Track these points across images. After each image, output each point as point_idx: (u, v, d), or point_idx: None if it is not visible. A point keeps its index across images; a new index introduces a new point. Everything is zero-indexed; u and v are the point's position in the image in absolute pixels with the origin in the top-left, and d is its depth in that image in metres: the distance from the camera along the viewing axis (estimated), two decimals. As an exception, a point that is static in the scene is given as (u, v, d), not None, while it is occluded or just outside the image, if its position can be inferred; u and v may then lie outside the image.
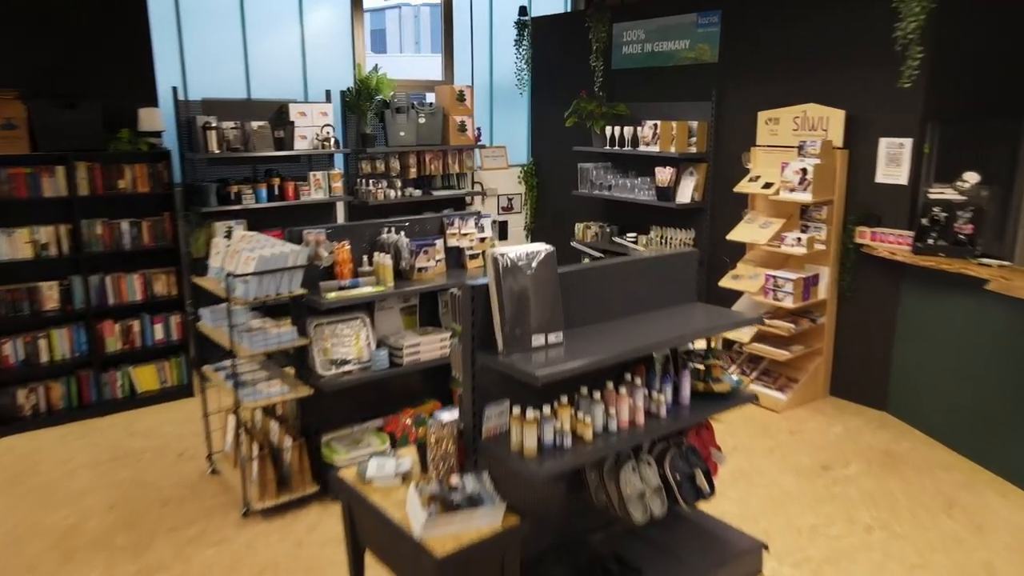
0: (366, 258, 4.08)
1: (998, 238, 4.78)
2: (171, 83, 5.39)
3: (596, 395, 2.72)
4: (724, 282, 5.36)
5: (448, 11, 6.91)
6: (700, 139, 5.78)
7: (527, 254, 2.62)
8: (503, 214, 7.45)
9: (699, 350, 3.17)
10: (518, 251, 2.62)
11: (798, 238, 4.92)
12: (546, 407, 2.59)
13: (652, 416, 2.86)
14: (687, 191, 5.87)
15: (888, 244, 4.74)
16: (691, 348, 3.16)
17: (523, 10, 6.95)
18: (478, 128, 6.82)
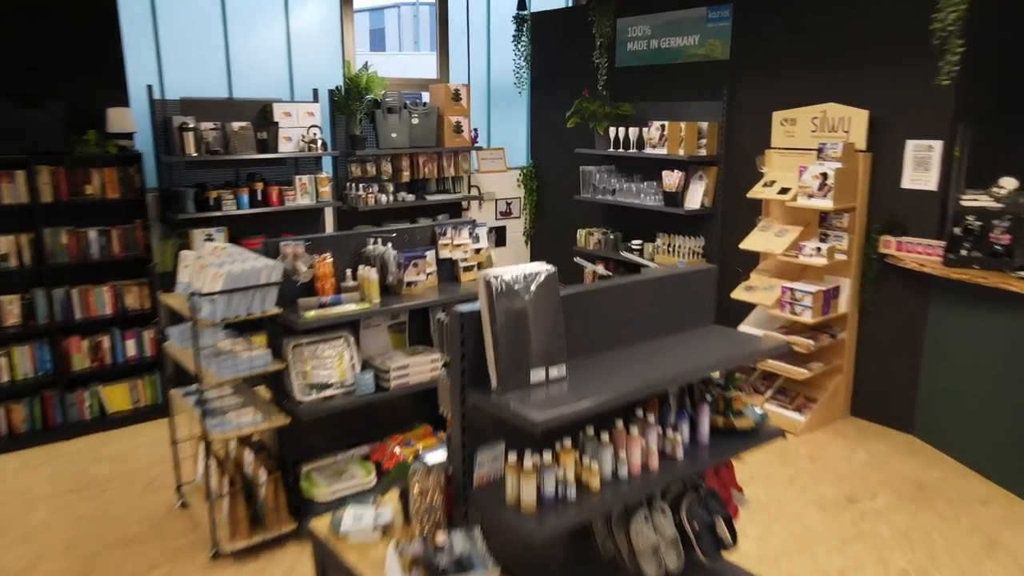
0: (350, 272, 3.73)
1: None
2: (146, 81, 5.05)
3: (604, 436, 2.38)
4: (736, 294, 5.01)
5: (443, 5, 6.57)
6: (710, 141, 5.43)
7: (525, 276, 2.28)
8: (501, 219, 7.11)
9: (717, 379, 2.83)
10: (515, 272, 2.27)
11: (817, 248, 4.57)
12: (547, 452, 2.25)
13: (667, 458, 2.52)
14: (696, 196, 5.52)
15: (916, 255, 4.40)
16: (709, 376, 2.82)
17: (522, 4, 6.59)
18: (475, 129, 6.48)
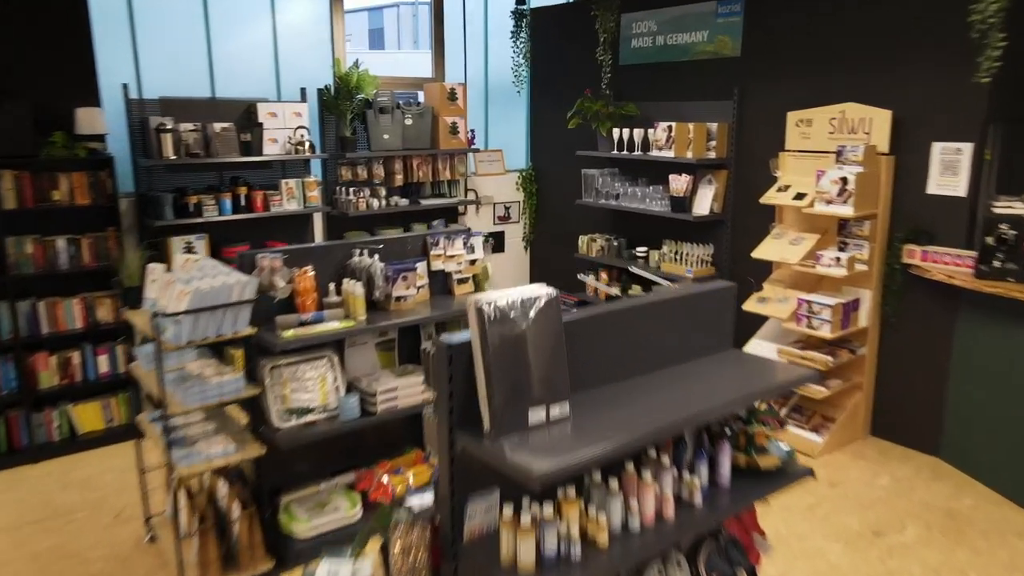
0: (333, 286, 3.43)
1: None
2: (121, 79, 4.75)
3: (613, 483, 2.08)
4: (748, 305, 4.71)
5: (439, 1, 6.27)
6: (720, 143, 5.13)
7: (522, 301, 1.98)
8: (499, 224, 6.82)
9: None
10: (510, 297, 1.98)
11: (836, 257, 4.27)
12: (547, 504, 1.95)
13: (684, 505, 2.22)
14: (705, 201, 5.22)
15: (943, 266, 4.10)
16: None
17: (521, -2, 6.30)
18: (471, 130, 6.18)
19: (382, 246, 3.52)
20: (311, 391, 3.36)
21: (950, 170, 4.10)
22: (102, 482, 4.07)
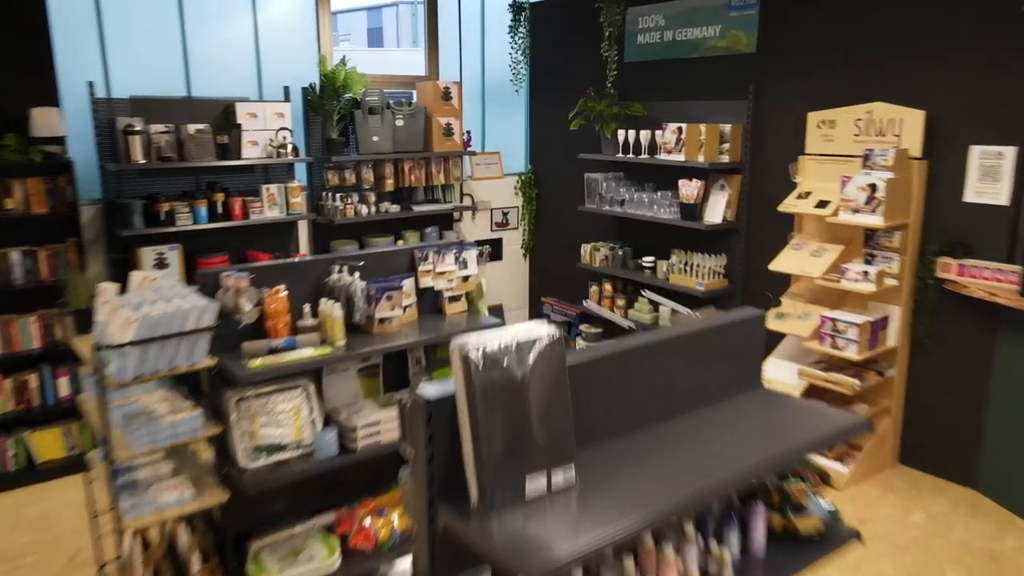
0: (308, 308, 3.07)
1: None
2: (87, 77, 4.39)
3: (628, 562, 1.72)
4: (766, 322, 4.34)
5: (433, -5, 5.91)
6: (734, 146, 4.77)
7: (518, 344, 1.62)
8: (497, 230, 6.45)
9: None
10: (503, 338, 1.61)
11: (864, 271, 3.91)
12: (549, 593, 1.59)
13: (712, 583, 1.86)
14: (718, 208, 4.86)
15: (983, 281, 3.74)
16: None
17: (519, -9, 5.93)
18: (467, 131, 5.83)
19: (363, 263, 3.15)
20: (283, 426, 3.00)
21: (990, 176, 3.74)
22: (58, 520, 3.71)
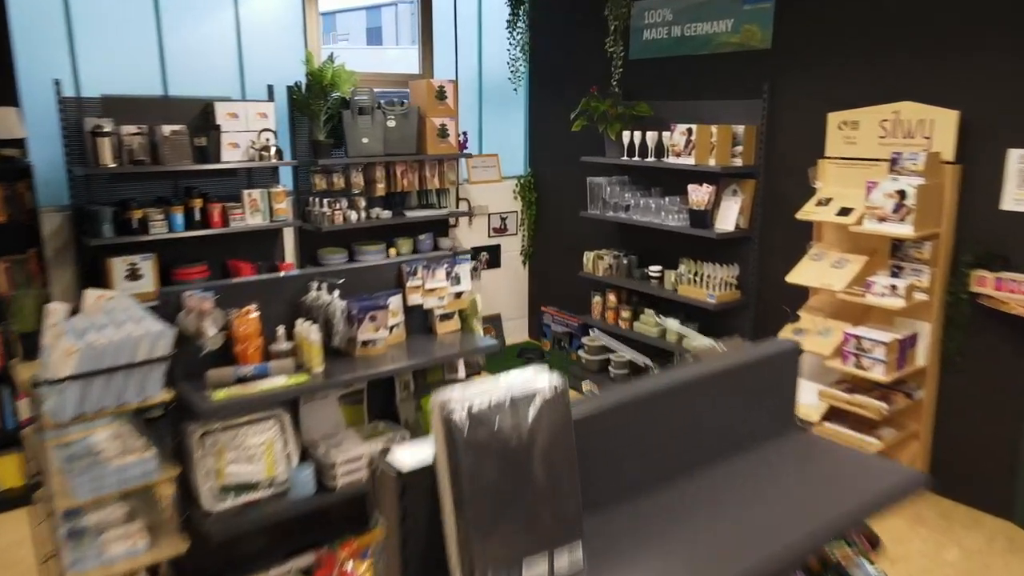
0: (283, 330, 2.77)
1: None
2: (52, 74, 4.09)
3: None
4: (783, 338, 4.04)
5: (427, -11, 5.60)
6: (747, 148, 4.46)
7: (512, 400, 1.31)
8: (495, 236, 6.15)
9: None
10: (495, 393, 1.30)
11: (892, 285, 3.60)
12: None
13: (746, 677, 1.55)
14: (730, 215, 4.55)
15: (1022, 296, 3.43)
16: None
17: (518, -16, 5.61)
18: (463, 133, 5.52)
19: (342, 280, 2.85)
20: (255, 462, 2.69)
21: (1031, 182, 3.44)
22: (14, 558, 3.40)
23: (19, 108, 3.75)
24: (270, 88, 4.75)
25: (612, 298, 5.22)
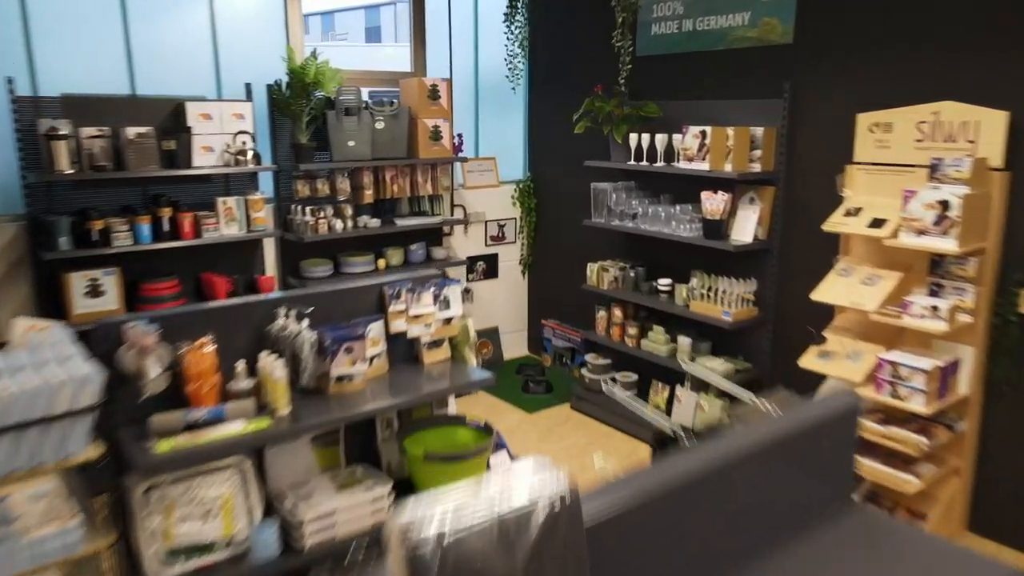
0: (243, 365, 2.40)
1: None
2: (6, 72, 3.74)
3: None
4: (807, 362, 3.67)
5: (419, -19, 5.23)
6: (767, 153, 4.09)
7: (502, 522, 0.94)
8: (492, 244, 5.79)
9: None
10: (478, 511, 0.94)
11: (933, 306, 3.23)
12: None
13: None
14: (747, 226, 4.18)
15: (1082, 320, 3.07)
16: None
17: (517, -24, 5.24)
18: (458, 135, 5.16)
19: (311, 309, 2.48)
20: (210, 519, 2.33)
21: (1091, 192, 3.07)
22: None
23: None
24: (248, 87, 4.39)
25: (618, 313, 4.85)
